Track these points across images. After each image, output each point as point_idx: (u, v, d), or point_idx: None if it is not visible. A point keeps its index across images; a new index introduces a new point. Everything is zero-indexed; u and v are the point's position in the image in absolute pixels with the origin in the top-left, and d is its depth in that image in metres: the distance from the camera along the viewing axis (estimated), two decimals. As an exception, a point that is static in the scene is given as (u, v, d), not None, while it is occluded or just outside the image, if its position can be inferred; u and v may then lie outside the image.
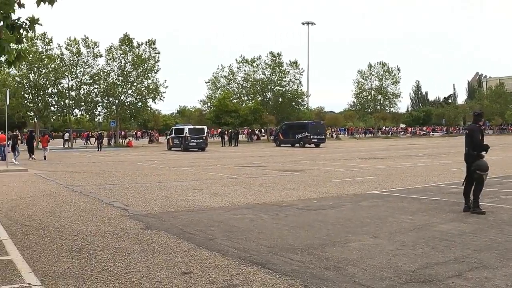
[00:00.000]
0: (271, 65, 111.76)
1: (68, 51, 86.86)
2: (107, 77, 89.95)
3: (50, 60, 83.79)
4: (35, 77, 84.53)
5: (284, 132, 79.07)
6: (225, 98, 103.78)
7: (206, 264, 9.70)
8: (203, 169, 34.30)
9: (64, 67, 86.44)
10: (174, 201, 18.54)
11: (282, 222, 14.25)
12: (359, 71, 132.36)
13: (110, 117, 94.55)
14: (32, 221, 15.02)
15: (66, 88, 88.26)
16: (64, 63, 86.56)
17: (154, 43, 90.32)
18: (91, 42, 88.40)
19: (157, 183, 25.34)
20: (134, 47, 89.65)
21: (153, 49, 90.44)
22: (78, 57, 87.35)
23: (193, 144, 65.10)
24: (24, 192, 22.31)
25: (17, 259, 10.34)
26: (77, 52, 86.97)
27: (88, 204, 18.40)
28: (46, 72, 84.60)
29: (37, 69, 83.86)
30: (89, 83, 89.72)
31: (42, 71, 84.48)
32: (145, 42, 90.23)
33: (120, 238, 12.30)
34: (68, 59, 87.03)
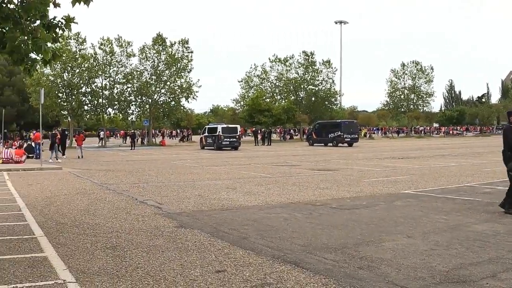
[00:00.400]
0: (304, 64, 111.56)
1: (102, 50, 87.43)
2: (140, 77, 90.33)
3: (84, 60, 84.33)
4: (69, 76, 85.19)
5: (317, 131, 78.85)
6: (258, 97, 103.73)
7: (240, 263, 9.74)
8: (236, 168, 34.34)
9: (97, 66, 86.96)
10: (208, 200, 18.60)
11: (316, 221, 14.24)
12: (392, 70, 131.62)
13: (143, 116, 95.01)
14: (66, 218, 15.17)
15: (100, 87, 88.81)
16: (97, 63, 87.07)
17: (187, 43, 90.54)
18: (124, 42, 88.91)
19: (191, 181, 25.42)
20: (167, 47, 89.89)
21: (186, 49, 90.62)
22: (112, 56, 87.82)
23: (226, 143, 65.11)
24: (59, 190, 22.51)
25: (52, 256, 10.45)
26: (111, 52, 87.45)
27: (122, 202, 18.54)
28: (79, 71, 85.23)
29: (71, 69, 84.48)
30: (122, 82, 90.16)
31: (75, 70, 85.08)
32: (178, 41, 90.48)
33: (154, 236, 12.38)
34: (102, 58, 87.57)
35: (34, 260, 10.13)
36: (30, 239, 12.17)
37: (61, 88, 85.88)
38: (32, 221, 14.68)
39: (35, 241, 11.94)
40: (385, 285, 8.35)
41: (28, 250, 11.01)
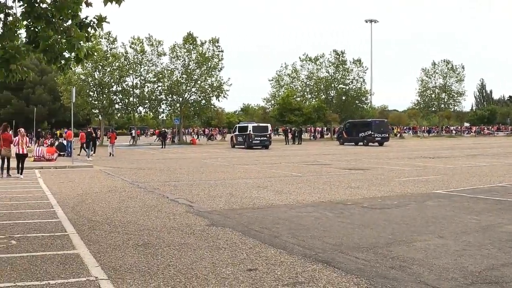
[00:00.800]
0: (335, 63, 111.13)
1: (132, 49, 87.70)
2: (171, 75, 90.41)
3: (115, 59, 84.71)
4: (100, 75, 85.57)
5: (347, 131, 78.57)
6: (289, 96, 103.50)
7: (271, 261, 9.75)
8: (267, 167, 34.33)
9: (128, 65, 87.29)
10: (239, 199, 18.66)
11: (347, 220, 14.23)
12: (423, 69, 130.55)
13: (174, 115, 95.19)
14: (98, 216, 15.29)
15: (130, 86, 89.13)
16: (128, 62, 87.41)
17: (218, 41, 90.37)
18: (155, 41, 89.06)
19: (221, 180, 25.50)
20: (197, 46, 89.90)
21: (217, 47, 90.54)
22: (142, 55, 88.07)
23: (257, 142, 65.11)
24: (90, 188, 22.68)
25: (84, 253, 10.55)
26: (141, 51, 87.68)
27: (153, 200, 18.67)
28: (110, 70, 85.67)
29: (102, 68, 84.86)
30: (153, 81, 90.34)
31: (106, 69, 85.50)
32: (208, 40, 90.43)
33: (185, 234, 12.43)
34: (132, 57, 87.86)
35: (66, 257, 10.23)
36: (62, 236, 12.29)
37: (92, 87, 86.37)
38: (64, 218, 14.83)
39: (67, 238, 12.06)
40: (417, 285, 8.33)
41: (60, 247, 11.12)
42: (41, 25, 12.15)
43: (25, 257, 10.27)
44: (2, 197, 19.51)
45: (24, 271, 9.27)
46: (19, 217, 15.06)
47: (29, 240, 11.82)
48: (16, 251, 10.79)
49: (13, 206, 17.32)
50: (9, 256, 10.32)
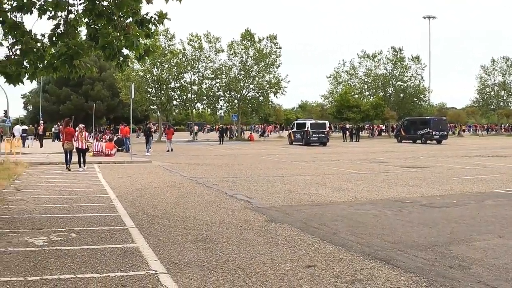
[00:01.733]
0: (393, 60, 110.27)
1: (191, 46, 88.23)
2: (229, 72, 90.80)
3: (173, 55, 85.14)
4: (158, 71, 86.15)
5: (405, 128, 77.86)
6: (347, 93, 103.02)
7: (330, 258, 9.73)
8: (325, 163, 34.21)
9: (186, 62, 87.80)
10: (297, 195, 18.61)
11: (406, 218, 14.12)
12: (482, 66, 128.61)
13: (232, 111, 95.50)
14: (157, 210, 15.44)
15: (188, 82, 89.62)
16: (186, 58, 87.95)
17: (275, 38, 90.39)
18: (213, 38, 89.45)
19: (280, 176, 25.48)
20: (255, 42, 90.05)
21: (275, 44, 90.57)
22: (200, 52, 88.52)
23: (315, 138, 64.90)
24: (149, 183, 22.90)
25: (143, 247, 10.68)
26: (199, 47, 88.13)
27: (211, 195, 18.74)
28: (169, 67, 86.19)
29: (160, 64, 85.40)
30: (211, 78, 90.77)
31: (165, 66, 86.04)
32: (266, 37, 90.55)
33: (244, 229, 12.48)
34: (191, 54, 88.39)
35: (126, 250, 10.36)
36: (121, 230, 12.45)
37: (151, 83, 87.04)
38: (123, 212, 15.02)
39: (126, 232, 12.21)
40: (477, 285, 8.24)
41: (119, 241, 11.27)
42: (102, 22, 12.30)
43: (85, 249, 10.43)
44: (63, 191, 19.81)
45: (84, 263, 9.41)
46: (79, 211, 15.30)
47: (89, 233, 12.00)
48: (76, 244, 10.96)
49: (73, 200, 17.60)
50: (69, 249, 10.50)
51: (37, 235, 11.77)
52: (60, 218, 14.08)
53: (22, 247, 10.62)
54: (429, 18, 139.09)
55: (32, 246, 10.75)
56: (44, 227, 12.80)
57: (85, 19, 12.66)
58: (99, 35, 12.34)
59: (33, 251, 10.28)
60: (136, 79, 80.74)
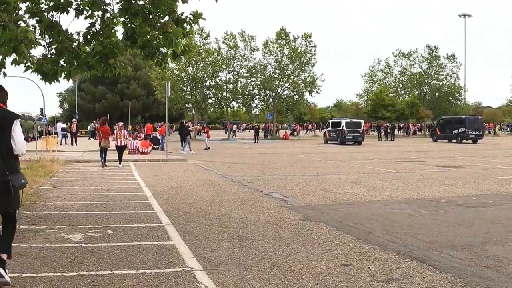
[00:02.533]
0: (428, 58, 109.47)
1: (225, 45, 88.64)
2: (264, 70, 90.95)
3: (208, 54, 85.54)
4: (193, 70, 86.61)
5: (441, 127, 77.33)
6: (382, 92, 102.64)
7: (365, 257, 9.72)
8: (360, 162, 34.12)
9: (221, 60, 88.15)
10: (333, 194, 18.58)
11: (441, 218, 14.04)
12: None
13: (267, 110, 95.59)
14: (192, 208, 15.49)
15: (224, 81, 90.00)
16: (221, 57, 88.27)
17: (310, 37, 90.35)
18: (248, 36, 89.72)
19: (315, 175, 25.44)
20: (290, 41, 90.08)
21: (309, 43, 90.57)
22: (235, 51, 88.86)
23: (350, 137, 64.73)
24: (184, 181, 23.00)
25: (179, 244, 10.73)
26: (234, 46, 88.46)
27: (247, 194, 18.78)
28: (204, 65, 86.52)
29: (195, 63, 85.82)
30: (246, 76, 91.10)
31: (200, 64, 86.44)
32: (301, 35, 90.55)
33: (280, 228, 12.48)
34: (226, 53, 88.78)
35: (162, 247, 10.42)
36: (157, 227, 12.52)
37: (186, 82, 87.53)
38: (159, 210, 15.09)
39: (163, 229, 12.29)
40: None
41: (155, 238, 11.35)
42: (138, 21, 12.39)
43: (122, 246, 10.52)
44: (99, 189, 19.97)
45: (120, 260, 9.50)
46: (115, 208, 15.43)
47: (125, 230, 12.09)
48: (112, 241, 11.06)
49: (109, 197, 17.73)
50: (106, 245, 10.59)
51: (74, 231, 11.89)
52: (96, 215, 14.20)
53: (59, 243, 10.74)
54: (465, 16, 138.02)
55: (69, 242, 10.86)
56: (80, 223, 12.92)
57: (121, 18, 12.76)
58: (137, 34, 12.43)
59: (70, 247, 10.39)
60: (171, 77, 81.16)
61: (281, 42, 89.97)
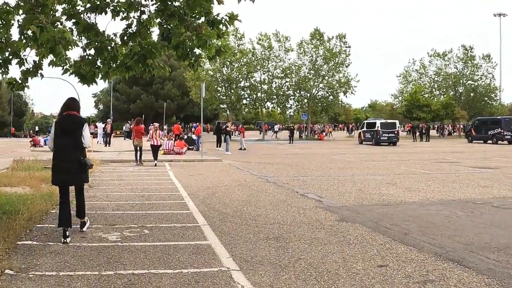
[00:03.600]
0: (463, 58, 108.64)
1: (260, 45, 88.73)
2: (298, 71, 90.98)
3: (243, 55, 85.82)
4: (228, 71, 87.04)
5: (476, 128, 76.72)
6: (417, 92, 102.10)
7: (402, 258, 9.69)
8: (395, 163, 33.99)
9: (256, 61, 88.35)
10: (368, 195, 18.54)
11: (478, 219, 13.94)
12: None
13: (302, 110, 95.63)
14: (228, 208, 15.55)
15: (258, 81, 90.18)
16: (256, 58, 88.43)
17: (345, 37, 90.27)
18: (282, 37, 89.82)
19: (350, 176, 25.40)
20: (324, 41, 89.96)
21: (344, 43, 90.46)
22: (270, 51, 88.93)
23: (385, 138, 64.65)
24: (220, 181, 23.08)
25: (215, 244, 10.78)
26: (269, 47, 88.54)
27: (282, 194, 18.76)
28: (238, 66, 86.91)
29: (230, 63, 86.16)
30: (280, 77, 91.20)
31: (234, 65, 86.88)
32: (335, 36, 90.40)
33: (315, 228, 12.49)
34: (260, 53, 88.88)
35: (198, 247, 10.48)
36: (193, 227, 12.59)
37: (220, 82, 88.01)
38: (195, 210, 15.16)
39: (199, 229, 12.35)
40: (552, 289, 8.13)
41: (192, 238, 11.41)
42: (174, 22, 12.46)
43: (158, 246, 10.59)
44: (135, 189, 20.12)
45: (157, 259, 9.57)
46: (151, 208, 15.54)
47: (161, 230, 12.17)
48: (149, 240, 11.15)
49: (145, 197, 17.85)
50: (142, 245, 10.68)
51: (111, 231, 12.02)
52: (132, 214, 14.31)
53: (96, 242, 10.86)
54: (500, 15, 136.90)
55: (105, 241, 10.98)
56: (117, 223, 13.04)
57: (157, 19, 12.83)
58: (172, 35, 12.50)
59: (106, 247, 10.49)
60: (206, 78, 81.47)
61: (316, 43, 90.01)
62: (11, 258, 9.50)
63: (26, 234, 11.51)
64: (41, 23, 9.83)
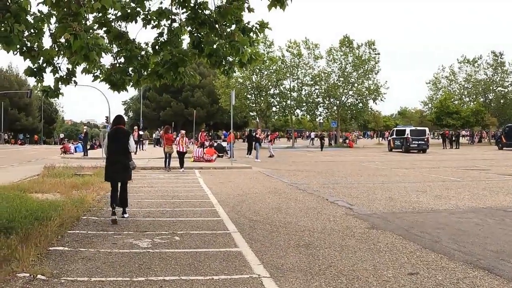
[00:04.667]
0: (493, 65, 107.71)
1: (289, 53, 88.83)
2: (328, 78, 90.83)
3: (272, 62, 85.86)
4: (258, 78, 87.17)
5: (507, 135, 76.05)
6: (447, 99, 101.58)
7: (432, 266, 9.67)
8: (425, 171, 33.79)
9: (285, 68, 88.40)
10: (398, 202, 18.48)
11: (508, 227, 13.84)
12: None
13: (331, 118, 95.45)
14: (258, 216, 15.57)
15: (288, 89, 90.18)
16: (285, 65, 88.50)
17: (374, 44, 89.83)
18: (312, 44, 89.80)
19: (380, 183, 25.35)
20: (354, 49, 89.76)
21: (373, 50, 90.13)
22: (299, 59, 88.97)
23: (415, 145, 64.30)
24: (250, 188, 23.12)
25: (246, 251, 10.81)
26: (298, 54, 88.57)
27: (312, 202, 18.75)
28: (268, 73, 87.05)
29: (259, 71, 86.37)
30: (310, 84, 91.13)
31: (264, 72, 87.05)
32: (364, 43, 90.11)
33: (346, 236, 12.49)
34: (289, 61, 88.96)
35: (229, 254, 10.52)
36: (224, 234, 12.65)
37: (250, 90, 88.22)
38: (225, 217, 15.23)
39: (229, 236, 12.40)
40: None
41: (222, 245, 11.45)
42: (204, 31, 12.53)
43: (189, 252, 10.65)
44: (165, 195, 20.25)
45: (188, 265, 9.62)
46: (182, 215, 15.62)
47: (192, 237, 12.23)
48: (179, 247, 11.20)
49: (175, 204, 17.94)
50: (173, 251, 10.74)
51: (141, 237, 12.10)
52: (163, 221, 14.40)
53: (127, 249, 10.94)
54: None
55: (136, 248, 11.06)
56: (148, 230, 13.13)
57: (188, 28, 12.91)
58: (204, 43, 12.56)
59: (137, 253, 10.57)
60: (236, 86, 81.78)
61: (345, 50, 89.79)
62: (43, 263, 9.62)
63: (58, 240, 11.62)
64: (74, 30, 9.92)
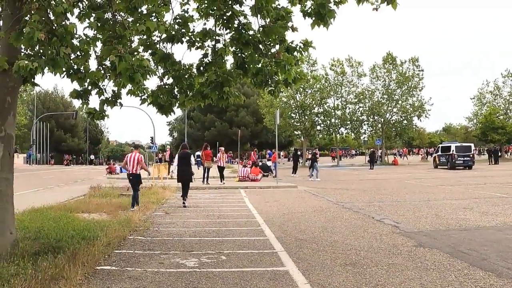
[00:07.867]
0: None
1: (333, 71, 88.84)
2: (372, 96, 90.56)
3: (316, 81, 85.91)
4: (301, 97, 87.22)
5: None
6: (491, 114, 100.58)
7: (480, 284, 9.59)
8: (471, 187, 33.50)
9: (329, 87, 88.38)
10: (445, 220, 18.32)
11: (558, 244, 13.72)
12: None
13: (375, 135, 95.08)
14: (305, 235, 15.55)
15: (332, 107, 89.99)
16: (329, 83, 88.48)
17: (417, 60, 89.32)
18: (355, 62, 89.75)
19: (426, 201, 25.13)
20: (397, 65, 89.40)
21: (417, 67, 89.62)
22: (343, 77, 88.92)
23: (460, 162, 63.78)
24: (295, 207, 23.09)
25: (293, 270, 10.80)
26: (342, 72, 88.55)
27: (358, 220, 18.71)
28: (311, 92, 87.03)
29: (303, 90, 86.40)
30: (354, 102, 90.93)
31: (308, 91, 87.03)
32: (408, 59, 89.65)
33: (392, 254, 12.43)
34: (333, 79, 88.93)
35: (276, 273, 10.54)
36: (270, 253, 12.66)
37: (294, 109, 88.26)
38: (271, 236, 15.24)
39: (276, 256, 12.40)
40: None
41: (269, 264, 11.46)
42: (248, 50, 12.59)
43: (235, 272, 10.69)
44: (211, 215, 20.34)
45: (235, 285, 9.68)
46: (228, 234, 15.66)
47: (238, 256, 12.27)
48: (226, 266, 11.25)
49: (222, 223, 18.01)
50: (220, 271, 10.79)
51: (188, 257, 12.17)
52: (209, 241, 14.47)
53: (174, 268, 11.01)
54: None
55: (183, 267, 11.13)
56: (194, 249, 13.21)
57: (232, 48, 12.99)
58: (247, 63, 12.63)
59: (184, 272, 10.64)
60: (280, 105, 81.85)
61: (388, 67, 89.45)
62: (90, 282, 9.76)
63: (105, 260, 11.78)
64: (119, 53, 10.05)
